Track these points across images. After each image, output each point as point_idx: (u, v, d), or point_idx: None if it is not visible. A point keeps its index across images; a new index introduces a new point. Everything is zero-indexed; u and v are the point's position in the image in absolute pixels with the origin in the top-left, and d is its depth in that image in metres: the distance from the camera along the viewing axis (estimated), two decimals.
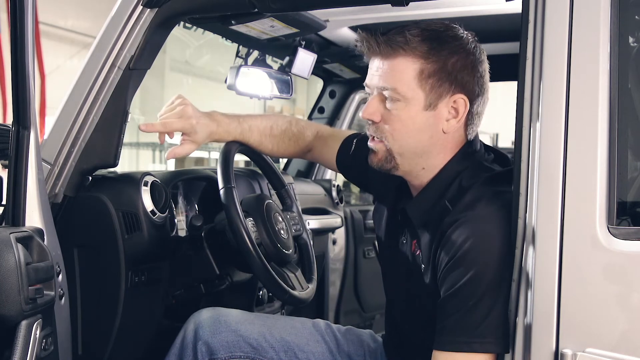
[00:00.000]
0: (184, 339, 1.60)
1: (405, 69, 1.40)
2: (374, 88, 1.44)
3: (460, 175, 1.44)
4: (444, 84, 1.40)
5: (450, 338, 1.28)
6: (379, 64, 1.42)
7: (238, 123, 1.80)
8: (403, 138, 1.43)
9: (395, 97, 1.40)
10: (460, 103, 1.42)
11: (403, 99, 1.40)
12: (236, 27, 1.80)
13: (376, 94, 1.44)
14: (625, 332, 1.12)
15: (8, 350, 1.15)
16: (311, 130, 1.92)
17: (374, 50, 1.42)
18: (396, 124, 1.42)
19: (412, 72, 1.39)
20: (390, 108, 1.41)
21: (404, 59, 1.39)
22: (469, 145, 1.48)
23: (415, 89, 1.40)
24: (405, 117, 1.41)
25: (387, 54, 1.40)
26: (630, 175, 1.24)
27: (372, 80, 1.44)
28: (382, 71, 1.41)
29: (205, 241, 1.78)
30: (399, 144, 1.43)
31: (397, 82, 1.40)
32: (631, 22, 1.23)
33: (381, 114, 1.43)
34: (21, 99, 1.21)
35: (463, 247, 1.28)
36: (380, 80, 1.42)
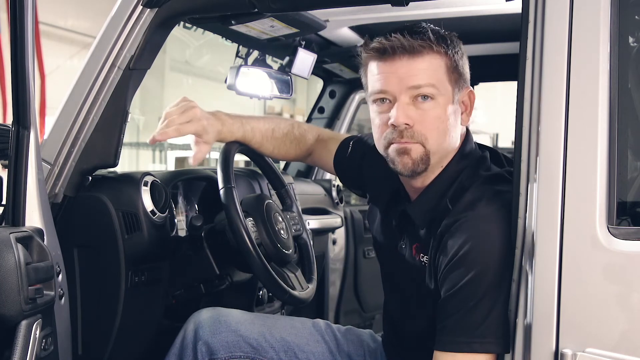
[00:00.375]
0: (184, 339, 1.60)
1: (438, 65, 1.40)
2: (401, 91, 1.39)
3: (461, 175, 1.44)
4: (459, 79, 1.44)
5: (451, 338, 1.28)
6: (407, 64, 1.38)
7: (241, 124, 1.80)
8: (440, 136, 1.41)
9: (432, 93, 1.39)
10: (470, 96, 1.47)
11: (438, 95, 1.39)
12: (236, 27, 1.80)
13: (405, 96, 1.39)
14: (625, 332, 1.12)
15: (8, 350, 1.15)
16: (312, 133, 1.92)
17: (400, 51, 1.38)
18: (433, 123, 1.40)
19: (443, 67, 1.41)
20: (424, 108, 1.39)
21: (432, 56, 1.40)
22: (466, 143, 1.49)
23: (446, 84, 1.41)
24: (441, 115, 1.40)
25: (417, 52, 1.38)
26: (630, 175, 1.24)
27: (403, 82, 1.38)
28: (415, 70, 1.38)
29: (205, 241, 1.78)
30: (437, 143, 1.41)
31: (434, 78, 1.39)
32: (631, 22, 1.23)
33: (413, 117, 1.39)
34: (21, 99, 1.21)
35: (464, 248, 1.28)
36: (415, 79, 1.38)
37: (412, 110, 1.39)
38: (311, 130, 1.95)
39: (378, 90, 1.42)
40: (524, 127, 1.22)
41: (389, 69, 1.40)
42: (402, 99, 1.39)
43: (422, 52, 1.39)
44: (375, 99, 1.44)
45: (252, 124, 1.82)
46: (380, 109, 1.44)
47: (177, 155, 7.43)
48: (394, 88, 1.40)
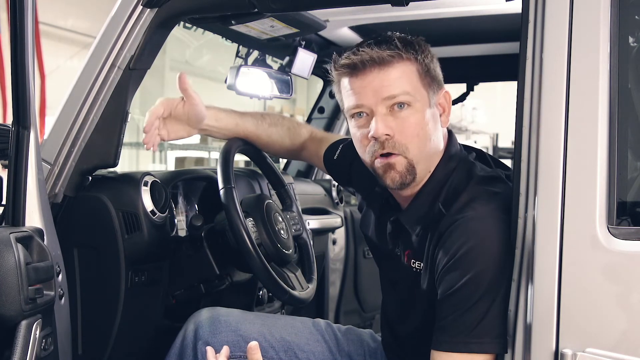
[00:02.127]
0: (184, 339, 1.60)
1: (410, 72, 1.41)
2: (377, 103, 1.39)
3: (450, 177, 1.44)
4: (433, 82, 1.44)
5: (448, 338, 1.28)
6: (379, 75, 1.39)
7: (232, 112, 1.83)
8: (421, 143, 1.41)
9: (408, 100, 1.39)
10: (446, 97, 1.47)
11: (414, 101, 1.39)
12: (236, 27, 1.80)
13: (381, 107, 1.39)
14: (625, 332, 1.12)
15: (8, 350, 1.15)
16: (306, 129, 1.94)
17: (370, 63, 1.38)
18: (412, 130, 1.39)
19: (415, 73, 1.41)
20: (402, 116, 1.39)
21: (403, 63, 1.40)
22: (450, 145, 1.49)
23: (421, 90, 1.42)
24: (419, 121, 1.40)
25: (387, 62, 1.38)
26: (630, 175, 1.24)
27: (377, 94, 1.39)
28: (388, 80, 1.39)
29: (205, 241, 1.77)
30: (418, 151, 1.41)
31: (408, 85, 1.39)
32: (631, 22, 1.23)
33: (393, 127, 1.39)
34: (21, 99, 1.21)
35: (461, 249, 1.28)
36: (389, 89, 1.38)
37: (391, 120, 1.39)
38: (304, 125, 1.96)
39: (354, 105, 1.42)
40: (524, 127, 1.22)
41: (362, 83, 1.40)
42: (379, 111, 1.39)
43: (392, 62, 1.39)
44: (353, 114, 1.44)
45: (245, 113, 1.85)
46: (358, 124, 1.44)
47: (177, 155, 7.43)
48: (370, 101, 1.40)
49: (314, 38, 2.21)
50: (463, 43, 2.29)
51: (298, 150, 1.93)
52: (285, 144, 1.90)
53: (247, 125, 1.83)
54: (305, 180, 2.87)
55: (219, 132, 1.80)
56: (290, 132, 1.90)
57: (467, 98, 2.58)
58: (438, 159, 1.46)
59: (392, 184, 1.43)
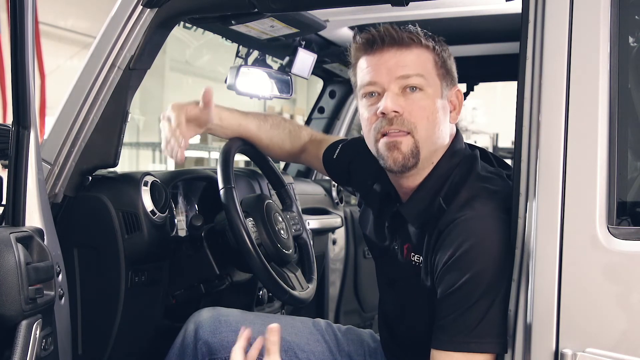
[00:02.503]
0: (184, 339, 1.60)
1: (426, 58, 1.43)
2: (390, 81, 1.41)
3: (453, 173, 1.44)
4: (447, 76, 1.45)
5: (448, 337, 1.28)
6: (395, 55, 1.41)
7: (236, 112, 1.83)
8: (429, 127, 1.41)
9: (420, 85, 1.40)
10: (459, 96, 1.48)
11: (427, 86, 1.41)
12: (236, 27, 1.81)
13: (394, 86, 1.41)
14: (625, 332, 1.12)
15: (8, 350, 1.15)
16: (306, 131, 1.94)
17: (389, 41, 1.41)
18: (422, 112, 1.40)
19: (431, 61, 1.43)
20: (413, 98, 1.40)
21: (421, 49, 1.43)
22: (456, 142, 1.49)
23: (434, 78, 1.43)
24: (429, 105, 1.41)
25: (406, 44, 1.41)
26: (630, 175, 1.24)
27: (391, 73, 1.40)
28: (404, 61, 1.41)
29: (205, 241, 1.78)
30: (425, 133, 1.41)
31: (423, 69, 1.41)
32: (631, 22, 1.23)
33: (403, 105, 1.40)
34: (21, 99, 1.21)
35: (461, 248, 1.28)
36: (404, 69, 1.40)
37: (402, 99, 1.40)
38: (304, 128, 1.97)
39: (367, 82, 1.43)
40: (524, 127, 1.22)
41: (378, 61, 1.42)
42: (391, 89, 1.41)
43: (410, 45, 1.42)
44: (365, 92, 1.45)
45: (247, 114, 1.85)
46: (369, 102, 1.45)
47: None
48: (383, 79, 1.41)
49: (314, 38, 2.21)
50: (463, 43, 2.29)
51: (298, 153, 1.93)
52: (285, 146, 1.90)
53: (249, 127, 1.83)
54: (305, 180, 2.87)
55: (222, 131, 1.80)
56: (291, 135, 1.90)
57: (467, 98, 2.58)
58: (442, 152, 1.46)
59: (394, 164, 1.42)
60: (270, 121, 1.88)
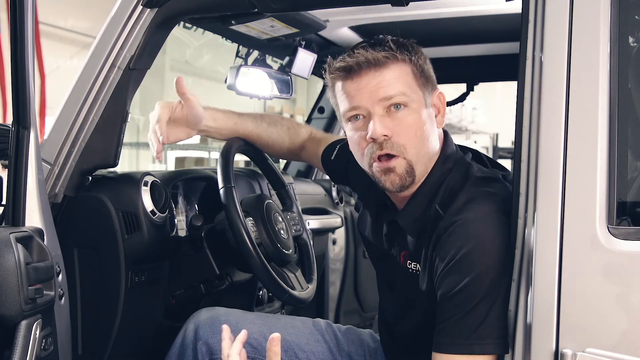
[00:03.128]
0: (184, 339, 1.60)
1: (405, 73, 1.41)
2: (374, 104, 1.39)
3: (447, 178, 1.43)
4: (427, 84, 1.44)
5: (450, 340, 1.28)
6: (375, 77, 1.39)
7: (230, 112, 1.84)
8: (419, 143, 1.41)
9: (404, 101, 1.39)
10: (441, 98, 1.47)
11: (410, 101, 1.39)
12: (236, 27, 1.80)
13: (379, 108, 1.39)
14: (625, 332, 1.12)
15: (8, 350, 1.15)
16: (305, 129, 1.95)
17: (366, 65, 1.38)
18: (410, 130, 1.39)
19: (410, 74, 1.41)
20: (399, 117, 1.39)
21: (397, 64, 1.40)
22: (446, 146, 1.48)
23: (417, 90, 1.42)
24: (416, 121, 1.40)
25: (382, 63, 1.38)
26: (630, 175, 1.24)
27: (374, 95, 1.38)
28: (384, 81, 1.39)
29: (205, 241, 1.77)
30: (416, 151, 1.40)
31: (404, 86, 1.39)
32: (631, 22, 1.23)
33: (391, 127, 1.39)
34: (21, 99, 1.21)
35: (461, 251, 1.28)
36: (385, 90, 1.38)
37: (388, 121, 1.39)
38: (303, 125, 1.97)
39: (350, 107, 1.42)
40: (524, 127, 1.22)
41: (357, 86, 1.40)
42: (376, 111, 1.39)
43: (387, 63, 1.39)
44: (349, 117, 1.43)
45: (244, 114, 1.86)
46: (355, 127, 1.43)
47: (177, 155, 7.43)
48: (366, 102, 1.39)
49: (314, 38, 2.21)
50: (463, 43, 2.29)
51: (298, 150, 1.92)
52: (285, 143, 1.90)
53: (246, 125, 1.83)
54: (305, 180, 2.87)
55: (218, 132, 1.80)
56: (290, 131, 1.90)
57: (467, 98, 2.58)
58: (435, 159, 1.46)
59: (392, 187, 1.42)
60: (267, 119, 1.88)
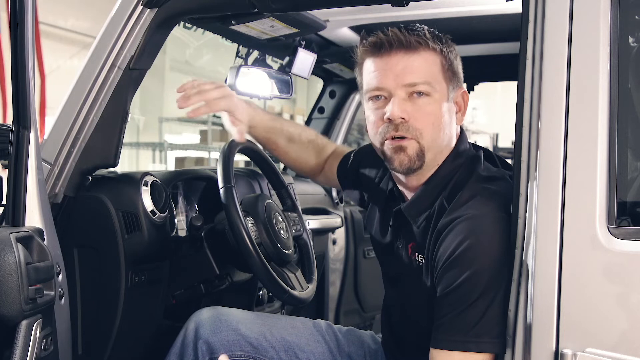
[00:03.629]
0: (184, 338, 1.60)
1: (433, 62, 1.42)
2: (397, 87, 1.40)
3: (457, 173, 1.44)
4: (454, 79, 1.45)
5: (446, 336, 1.29)
6: (403, 59, 1.40)
7: (271, 117, 1.85)
8: (435, 132, 1.42)
9: (427, 90, 1.40)
10: (464, 97, 1.49)
11: (433, 92, 1.41)
12: (236, 27, 1.81)
13: (401, 91, 1.40)
14: (625, 332, 1.12)
15: (8, 350, 1.15)
16: (331, 147, 1.97)
17: (397, 45, 1.40)
18: (428, 118, 1.41)
19: (438, 64, 1.43)
20: (420, 103, 1.40)
21: (428, 52, 1.42)
22: (460, 143, 1.49)
23: (442, 82, 1.43)
24: (436, 111, 1.41)
25: (414, 48, 1.40)
26: (630, 175, 1.24)
27: (399, 79, 1.40)
28: (411, 67, 1.40)
29: (205, 241, 1.77)
30: (431, 138, 1.42)
31: (429, 75, 1.41)
32: (631, 22, 1.23)
33: (409, 112, 1.40)
34: (21, 99, 1.21)
35: (460, 247, 1.28)
36: (411, 76, 1.40)
37: (408, 105, 1.40)
38: (331, 144, 1.99)
39: (374, 87, 1.43)
40: (524, 127, 1.22)
41: (385, 65, 1.42)
42: (398, 94, 1.41)
43: (417, 48, 1.41)
44: (372, 96, 1.45)
45: (282, 122, 1.87)
46: (376, 106, 1.45)
47: (177, 155, 7.43)
48: (390, 84, 1.41)
49: (314, 38, 2.21)
50: (463, 43, 2.28)
51: (319, 169, 1.95)
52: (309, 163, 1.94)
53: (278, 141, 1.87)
54: (305, 180, 2.86)
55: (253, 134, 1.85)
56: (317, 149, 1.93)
57: None
58: (447, 153, 1.47)
59: (399, 166, 1.43)
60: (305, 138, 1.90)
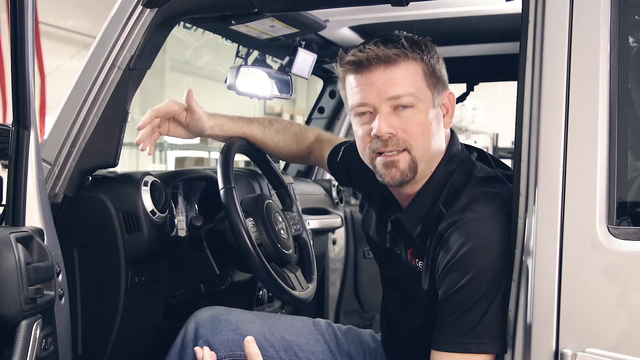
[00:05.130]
0: (184, 338, 1.60)
1: (415, 72, 1.40)
2: (381, 102, 1.39)
3: (451, 178, 1.44)
4: (437, 83, 1.44)
5: (447, 338, 1.29)
6: (384, 74, 1.38)
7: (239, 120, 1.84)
8: (425, 141, 1.41)
9: (411, 102, 1.39)
10: (450, 98, 1.47)
11: (418, 102, 1.39)
12: (236, 27, 1.80)
13: (385, 106, 1.39)
14: (625, 332, 1.12)
15: (8, 350, 1.15)
16: (313, 132, 1.95)
17: (376, 61, 1.38)
18: (417, 129, 1.40)
19: (420, 73, 1.41)
20: (405, 116, 1.39)
21: (408, 63, 1.40)
22: (452, 145, 1.49)
23: (425, 90, 1.41)
24: (423, 120, 1.40)
25: (392, 61, 1.38)
26: (630, 175, 1.24)
27: (382, 94, 1.38)
28: (393, 80, 1.38)
29: (205, 241, 1.77)
30: (422, 149, 1.41)
31: (412, 85, 1.39)
32: (631, 22, 1.23)
33: (396, 126, 1.39)
34: (21, 99, 1.21)
35: (461, 250, 1.28)
36: (394, 89, 1.38)
37: (394, 119, 1.39)
38: (311, 129, 1.98)
39: (358, 103, 1.42)
40: (524, 127, 1.22)
41: (367, 81, 1.40)
42: (383, 109, 1.39)
43: (397, 61, 1.39)
44: (357, 112, 1.44)
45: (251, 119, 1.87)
46: (362, 121, 1.44)
47: (177, 155, 7.43)
48: (374, 100, 1.39)
49: (314, 38, 2.21)
50: (463, 43, 2.29)
51: (305, 154, 1.94)
52: (292, 150, 1.91)
53: (254, 134, 1.85)
54: (305, 180, 2.87)
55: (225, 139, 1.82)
56: (297, 137, 1.91)
57: (467, 98, 2.58)
58: (439, 159, 1.46)
59: (392, 181, 1.43)
60: (275, 126, 1.89)
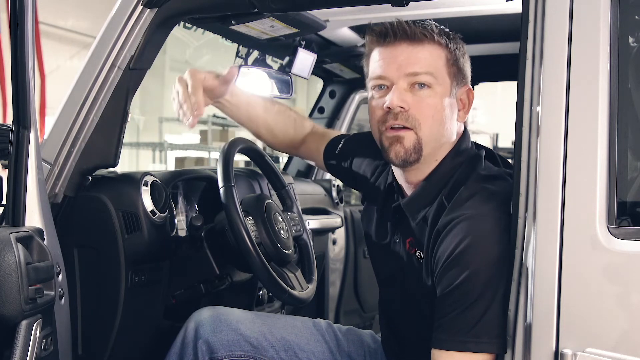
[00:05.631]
0: (184, 338, 1.60)
1: (437, 56, 1.43)
2: (399, 77, 1.42)
3: (457, 172, 1.44)
4: (458, 75, 1.46)
5: (447, 337, 1.29)
6: (407, 50, 1.41)
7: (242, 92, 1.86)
8: (434, 125, 1.42)
9: (429, 82, 1.41)
10: (469, 95, 1.49)
11: (435, 84, 1.41)
12: (236, 27, 1.81)
13: (403, 82, 1.42)
14: (625, 332, 1.12)
15: (8, 350, 1.15)
16: (309, 122, 1.97)
17: (402, 36, 1.41)
18: (428, 110, 1.41)
19: (442, 58, 1.43)
20: (420, 95, 1.41)
21: (433, 46, 1.43)
22: (462, 141, 1.49)
23: (445, 76, 1.44)
24: (436, 104, 1.42)
25: (419, 39, 1.41)
26: (630, 175, 1.24)
27: (401, 69, 1.41)
28: (415, 57, 1.41)
29: (205, 241, 1.77)
30: (429, 131, 1.42)
31: (432, 67, 1.42)
32: (631, 22, 1.23)
33: (409, 102, 1.41)
34: (21, 99, 1.21)
35: (460, 246, 1.28)
36: (413, 66, 1.41)
37: (409, 96, 1.41)
38: (307, 119, 2.00)
39: (377, 75, 1.45)
40: (524, 127, 1.22)
41: (389, 55, 1.43)
42: (399, 84, 1.42)
43: (422, 41, 1.42)
44: (374, 85, 1.46)
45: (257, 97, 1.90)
46: (378, 95, 1.46)
47: (177, 155, 7.43)
48: (393, 74, 1.42)
49: (314, 38, 2.21)
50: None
51: (298, 143, 1.95)
52: (288, 134, 1.93)
53: (257, 107, 1.87)
54: (305, 180, 2.87)
55: (230, 108, 1.84)
56: (295, 123, 1.93)
57: None
58: (447, 149, 1.47)
59: (395, 158, 1.44)
60: (277, 107, 1.92)
